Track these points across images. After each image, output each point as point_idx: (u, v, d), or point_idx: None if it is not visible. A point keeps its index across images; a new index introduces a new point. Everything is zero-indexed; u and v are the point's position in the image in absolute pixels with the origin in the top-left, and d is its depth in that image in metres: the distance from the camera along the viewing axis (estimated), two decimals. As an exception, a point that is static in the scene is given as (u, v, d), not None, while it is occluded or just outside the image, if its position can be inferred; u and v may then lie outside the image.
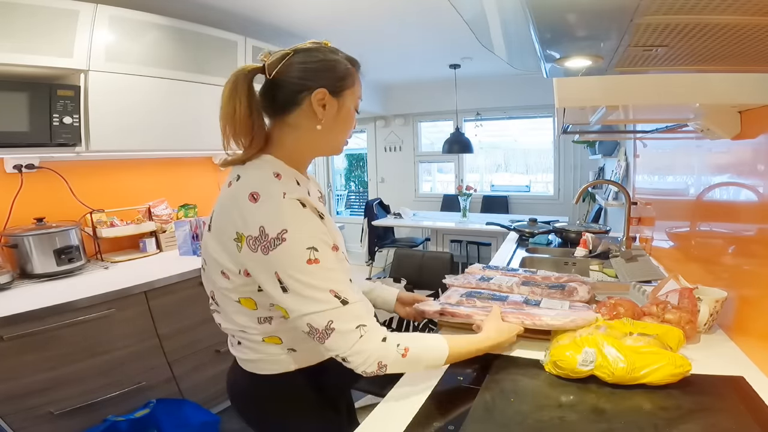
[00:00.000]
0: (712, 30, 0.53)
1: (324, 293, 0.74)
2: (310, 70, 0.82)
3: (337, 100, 0.84)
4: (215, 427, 1.96)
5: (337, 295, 0.75)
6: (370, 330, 0.77)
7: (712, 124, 1.07)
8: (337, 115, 0.84)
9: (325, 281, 0.75)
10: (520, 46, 1.57)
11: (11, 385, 1.48)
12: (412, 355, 0.80)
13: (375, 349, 0.77)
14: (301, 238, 0.73)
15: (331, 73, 0.84)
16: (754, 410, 0.76)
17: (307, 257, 0.73)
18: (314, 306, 0.74)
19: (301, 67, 0.82)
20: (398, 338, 0.80)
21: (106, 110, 1.95)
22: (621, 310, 1.10)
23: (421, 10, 2.62)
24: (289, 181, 0.81)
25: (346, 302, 0.75)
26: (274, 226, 0.73)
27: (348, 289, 0.77)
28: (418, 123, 5.67)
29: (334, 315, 0.75)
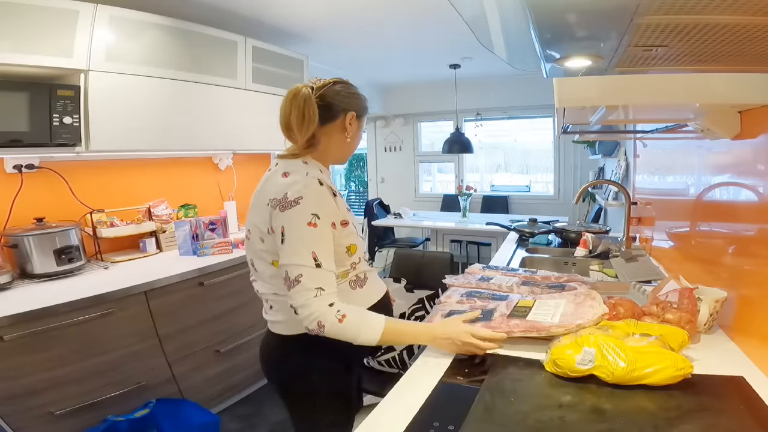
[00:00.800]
0: (712, 30, 0.53)
1: (307, 252, 0.94)
2: (348, 97, 1.10)
3: (358, 121, 1.13)
4: (215, 427, 1.96)
5: (316, 258, 0.95)
6: (325, 294, 0.95)
7: (712, 124, 1.07)
8: (356, 133, 1.15)
9: (312, 244, 0.95)
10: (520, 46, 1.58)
11: (11, 385, 1.48)
12: (348, 323, 0.95)
13: (320, 309, 0.94)
14: (310, 205, 0.96)
15: (360, 102, 1.14)
16: (754, 410, 0.76)
17: (308, 220, 0.95)
18: (295, 258, 0.94)
19: (342, 93, 1.10)
20: (343, 307, 0.96)
21: (106, 110, 1.95)
22: (621, 310, 1.10)
23: (421, 10, 2.62)
24: (314, 168, 1.06)
25: (319, 266, 0.95)
26: (295, 193, 0.96)
27: (327, 257, 0.97)
28: (418, 123, 5.67)
29: (305, 271, 0.94)
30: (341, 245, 1.04)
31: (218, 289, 2.15)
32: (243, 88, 2.60)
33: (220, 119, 2.47)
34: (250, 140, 2.69)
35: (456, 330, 1.01)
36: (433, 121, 5.63)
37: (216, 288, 2.14)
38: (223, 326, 2.19)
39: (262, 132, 2.75)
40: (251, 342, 2.28)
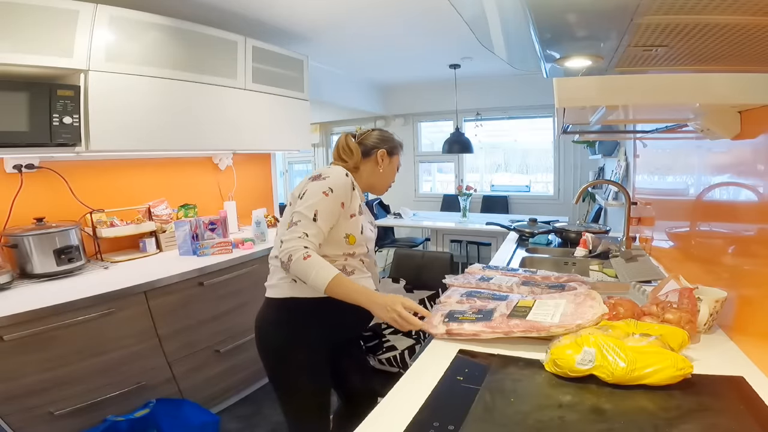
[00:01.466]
0: (712, 30, 0.53)
1: (312, 208, 1.21)
2: (379, 139, 1.44)
3: (390, 158, 1.45)
4: (215, 427, 1.96)
5: (316, 214, 1.21)
6: (306, 240, 1.18)
7: (712, 124, 1.07)
8: (388, 167, 1.46)
9: (318, 204, 1.22)
10: (520, 46, 1.57)
11: (11, 385, 1.48)
12: (308, 263, 1.15)
13: (295, 246, 1.17)
14: (330, 182, 1.25)
15: (390, 144, 1.46)
16: (754, 410, 0.76)
17: (323, 190, 1.23)
18: (303, 209, 1.21)
19: (375, 136, 1.45)
20: (311, 252, 1.17)
21: (106, 110, 1.95)
22: (621, 310, 1.10)
23: (421, 10, 2.62)
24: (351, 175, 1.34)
25: (315, 220, 1.20)
26: (325, 174, 1.27)
27: (325, 220, 1.22)
28: (418, 123, 5.67)
29: (303, 219, 1.20)
30: (342, 230, 1.28)
31: (218, 289, 2.16)
32: (243, 88, 2.60)
33: (220, 119, 2.47)
34: (250, 140, 2.69)
35: (391, 298, 1.17)
36: (433, 121, 5.63)
37: (216, 288, 2.14)
38: (223, 326, 2.19)
39: (262, 132, 2.75)
40: (251, 342, 2.25)
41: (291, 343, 1.27)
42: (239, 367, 2.29)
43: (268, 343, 1.31)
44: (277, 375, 1.32)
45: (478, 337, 1.08)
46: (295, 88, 2.98)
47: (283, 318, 1.28)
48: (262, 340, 1.33)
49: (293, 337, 1.27)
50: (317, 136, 6.28)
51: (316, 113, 4.86)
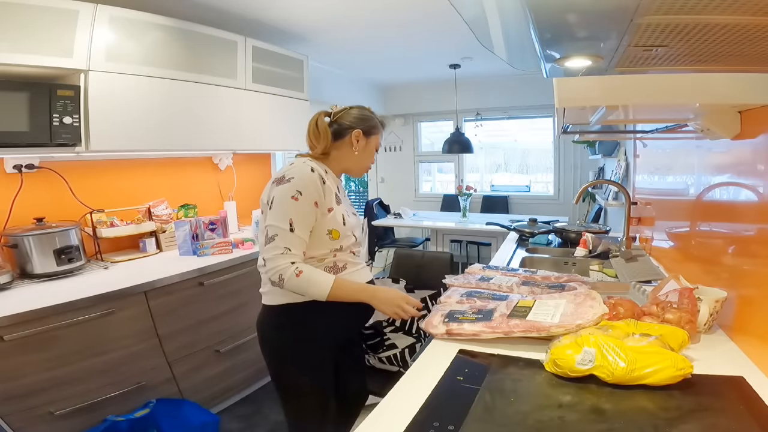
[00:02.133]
0: (712, 30, 0.53)
1: (285, 217, 1.16)
2: (354, 118, 1.34)
3: (366, 139, 1.35)
4: (215, 427, 1.96)
5: (291, 224, 1.15)
6: (290, 255, 1.15)
7: (712, 124, 1.07)
8: (365, 148, 1.35)
9: (291, 212, 1.16)
10: (520, 46, 1.57)
11: (11, 385, 1.48)
12: (302, 278, 1.14)
13: (282, 265, 1.14)
14: (297, 184, 1.18)
15: (368, 123, 1.35)
16: (754, 410, 0.76)
17: (292, 194, 1.17)
18: (276, 221, 1.16)
19: (353, 115, 1.34)
20: (302, 265, 1.16)
21: (106, 110, 1.95)
22: (621, 310, 1.10)
23: (421, 10, 2.62)
24: (319, 165, 1.27)
25: (292, 231, 1.16)
26: (289, 174, 1.20)
27: (302, 227, 1.17)
28: (418, 123, 5.67)
29: (279, 232, 1.15)
30: (323, 227, 1.23)
31: (218, 289, 2.15)
32: (243, 88, 2.60)
33: (220, 119, 2.47)
34: (250, 140, 2.69)
35: (395, 295, 1.26)
36: (433, 121, 5.63)
37: (216, 288, 2.14)
38: (223, 326, 2.19)
39: (262, 132, 2.75)
40: (251, 342, 2.28)
41: (293, 343, 1.26)
42: (239, 367, 2.29)
43: (270, 344, 1.30)
44: (280, 375, 1.31)
45: (478, 337, 1.08)
46: (295, 88, 2.98)
47: (283, 322, 1.27)
48: (264, 342, 1.32)
49: (295, 338, 1.26)
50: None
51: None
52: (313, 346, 1.27)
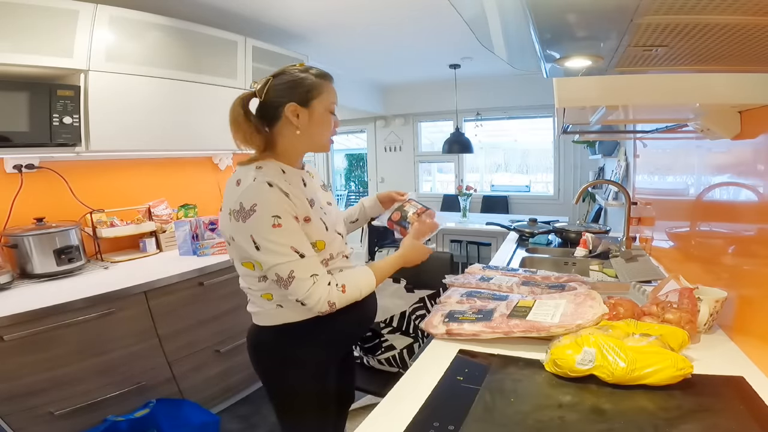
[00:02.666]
0: (712, 30, 0.53)
1: (286, 248, 0.98)
2: (282, 90, 1.06)
3: (307, 109, 1.07)
4: (215, 427, 1.96)
5: (297, 250, 0.99)
6: (320, 278, 1.01)
7: (712, 124, 1.07)
8: (310, 121, 1.08)
9: (287, 240, 0.98)
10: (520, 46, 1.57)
11: (11, 385, 1.48)
12: (349, 290, 1.06)
13: (324, 292, 1.01)
14: (267, 209, 0.97)
15: (299, 89, 1.06)
16: (754, 410, 0.76)
17: (271, 222, 0.97)
18: (279, 258, 0.98)
19: (276, 88, 1.06)
20: (338, 279, 1.06)
21: (106, 110, 1.95)
22: (621, 310, 1.10)
23: (421, 10, 2.62)
24: (270, 170, 1.05)
25: (303, 256, 1.00)
26: (249, 201, 0.97)
27: (306, 247, 1.01)
28: (418, 123, 5.67)
29: (294, 266, 0.99)
30: None
31: (218, 289, 2.15)
32: (243, 88, 2.60)
33: (220, 119, 2.44)
34: (250, 140, 2.69)
35: (422, 252, 1.28)
36: (433, 121, 5.63)
37: (216, 288, 2.14)
38: (223, 326, 2.19)
39: (262, 132, 2.75)
40: (251, 342, 2.28)
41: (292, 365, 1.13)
42: (239, 367, 2.29)
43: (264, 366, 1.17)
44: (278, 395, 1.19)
45: (478, 337, 1.08)
46: (295, 88, 2.98)
47: (280, 343, 1.12)
48: (258, 363, 1.18)
49: (294, 359, 1.12)
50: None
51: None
52: (314, 366, 1.14)
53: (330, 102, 1.10)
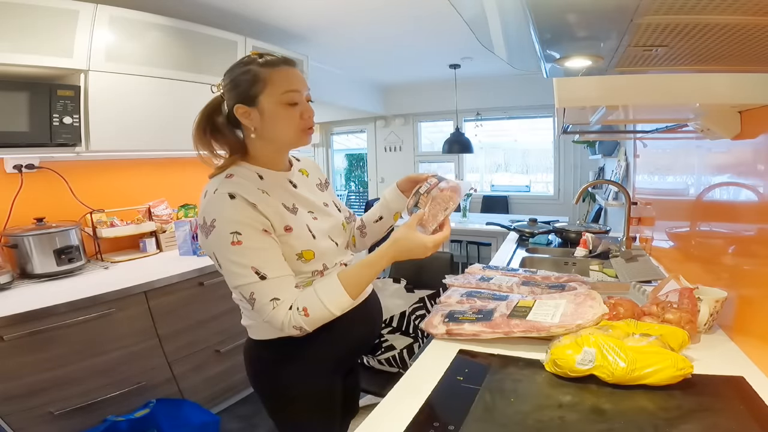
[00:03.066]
0: (712, 30, 0.53)
1: (246, 269, 0.88)
2: (227, 90, 0.98)
3: (255, 108, 0.95)
4: (215, 427, 1.96)
5: (257, 271, 0.88)
6: (282, 302, 0.89)
7: (712, 124, 1.07)
8: (262, 120, 0.95)
9: (247, 259, 0.88)
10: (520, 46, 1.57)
11: (11, 385, 1.48)
12: (313, 311, 0.90)
13: (285, 317, 0.89)
14: (226, 225, 0.88)
15: (241, 86, 0.95)
16: (754, 410, 0.76)
17: (230, 240, 0.88)
18: (239, 280, 0.89)
19: (225, 89, 0.98)
20: (299, 302, 0.90)
21: (106, 110, 1.95)
22: (621, 310, 1.10)
23: (421, 10, 2.62)
24: (242, 178, 0.96)
25: (264, 277, 0.88)
26: (209, 216, 0.90)
27: (271, 265, 0.90)
28: (418, 123, 5.68)
29: (254, 288, 0.89)
30: (289, 253, 0.95)
31: (218, 289, 2.15)
32: (243, 88, 2.60)
33: (220, 119, 2.47)
34: (250, 140, 2.69)
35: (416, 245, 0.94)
36: (433, 121, 5.63)
37: (216, 288, 2.14)
38: (223, 326, 2.19)
39: (262, 132, 2.75)
40: (251, 342, 2.28)
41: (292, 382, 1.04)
42: (239, 367, 2.27)
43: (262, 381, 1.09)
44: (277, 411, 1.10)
45: (478, 337, 1.08)
46: (295, 88, 2.99)
47: (276, 359, 1.04)
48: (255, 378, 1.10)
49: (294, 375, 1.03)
50: (317, 135, 6.28)
51: (316, 113, 4.85)
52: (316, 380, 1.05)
53: (283, 92, 0.94)
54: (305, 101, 1.00)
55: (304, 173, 1.13)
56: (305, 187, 1.08)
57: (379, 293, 1.31)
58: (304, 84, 1.00)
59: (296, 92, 0.97)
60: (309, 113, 0.99)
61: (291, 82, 0.96)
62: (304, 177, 1.11)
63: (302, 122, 0.98)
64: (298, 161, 1.15)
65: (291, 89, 0.96)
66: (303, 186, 1.08)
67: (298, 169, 1.11)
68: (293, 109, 0.96)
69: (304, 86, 1.00)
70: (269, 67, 0.95)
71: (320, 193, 1.13)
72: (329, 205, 1.12)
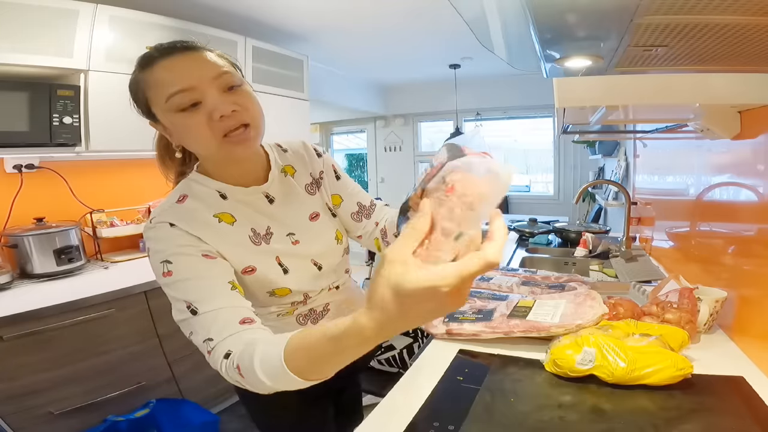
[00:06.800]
0: (712, 30, 0.53)
1: (180, 303, 0.72)
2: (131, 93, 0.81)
3: (158, 122, 0.78)
4: (215, 427, 1.96)
5: (189, 305, 0.71)
6: (216, 346, 0.67)
7: (712, 124, 1.07)
8: (173, 132, 0.77)
9: (179, 292, 0.72)
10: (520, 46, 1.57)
11: (11, 385, 1.48)
12: (247, 375, 0.62)
13: (219, 365, 0.67)
14: (158, 254, 0.73)
15: (136, 103, 0.81)
16: (754, 410, 0.76)
17: (162, 270, 0.73)
18: (177, 315, 0.73)
19: None
20: (237, 355, 0.64)
21: (106, 110, 1.95)
22: (621, 310, 1.10)
23: (421, 10, 2.62)
24: (196, 202, 0.80)
25: (195, 312, 0.70)
26: (146, 240, 0.76)
27: (203, 296, 0.71)
28: (418, 123, 5.67)
29: (191, 325, 0.71)
30: (256, 291, 0.81)
31: (218, 289, 2.16)
32: (243, 88, 2.60)
33: (220, 119, 2.47)
34: (250, 140, 2.69)
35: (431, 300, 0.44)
36: (433, 121, 5.63)
37: (216, 288, 2.14)
38: (223, 326, 2.19)
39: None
40: (251, 342, 2.28)
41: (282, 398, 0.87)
42: (239, 367, 2.29)
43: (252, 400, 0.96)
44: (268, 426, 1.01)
45: (478, 337, 1.08)
46: (295, 88, 2.99)
47: None
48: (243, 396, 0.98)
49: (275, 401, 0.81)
50: (317, 136, 6.28)
51: (316, 113, 4.87)
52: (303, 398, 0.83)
53: (166, 97, 0.72)
54: (215, 95, 0.72)
55: (289, 172, 0.91)
56: (286, 198, 0.88)
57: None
58: (202, 73, 0.72)
59: (186, 91, 0.71)
60: (222, 110, 0.71)
61: (173, 79, 0.72)
62: (288, 181, 0.90)
63: (214, 128, 0.72)
64: (284, 152, 0.93)
65: (174, 90, 0.71)
66: (283, 198, 0.88)
67: (280, 170, 0.90)
68: (193, 114, 0.72)
69: (205, 75, 0.72)
70: (146, 67, 0.76)
71: (309, 198, 0.92)
72: (321, 214, 0.92)
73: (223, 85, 0.73)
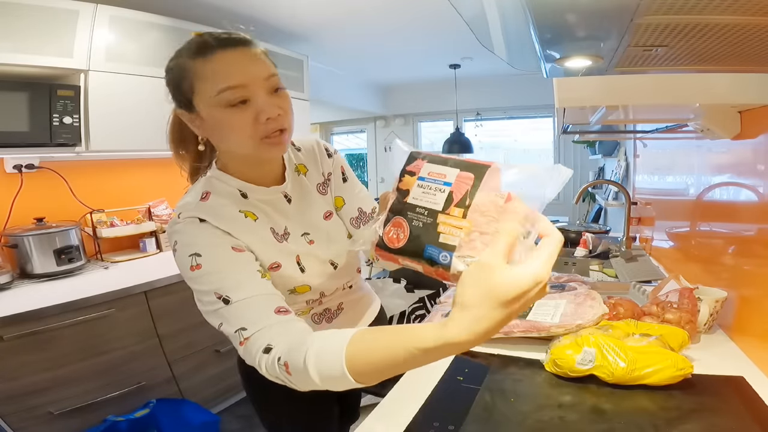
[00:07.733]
0: (712, 30, 0.53)
1: (209, 296, 0.71)
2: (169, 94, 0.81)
3: (196, 113, 0.77)
4: (215, 427, 1.96)
5: (220, 295, 0.69)
6: (252, 336, 0.65)
7: (712, 124, 1.07)
8: (206, 128, 0.77)
9: (208, 284, 0.71)
10: (520, 46, 1.57)
11: (11, 385, 1.48)
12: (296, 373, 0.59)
13: (256, 359, 0.64)
14: (185, 248, 0.73)
15: (175, 90, 0.80)
16: (754, 410, 0.76)
17: (189, 264, 0.72)
18: (205, 306, 0.73)
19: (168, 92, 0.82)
20: (283, 351, 0.61)
21: (106, 110, 1.95)
22: (621, 310, 1.10)
23: (421, 10, 2.62)
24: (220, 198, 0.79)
25: (227, 301, 0.69)
26: (171, 236, 0.76)
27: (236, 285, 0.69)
28: (418, 123, 5.67)
29: (221, 315, 0.70)
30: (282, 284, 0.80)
31: (218, 289, 2.16)
32: (243, 88, 2.60)
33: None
34: (250, 140, 2.69)
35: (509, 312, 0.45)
36: (433, 121, 5.63)
37: (216, 288, 2.14)
38: (223, 326, 2.19)
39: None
40: (251, 342, 2.28)
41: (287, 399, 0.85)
42: (239, 367, 2.29)
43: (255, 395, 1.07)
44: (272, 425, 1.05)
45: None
46: (295, 88, 2.99)
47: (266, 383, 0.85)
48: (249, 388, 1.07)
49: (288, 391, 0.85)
50: (317, 136, 6.28)
51: (316, 113, 4.87)
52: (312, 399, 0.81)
53: (217, 91, 0.70)
54: (263, 96, 0.72)
55: (302, 171, 0.91)
56: (302, 198, 0.89)
57: (379, 293, 1.29)
58: (256, 72, 0.72)
59: (238, 88, 0.70)
60: (269, 113, 0.71)
61: (229, 74, 0.70)
62: (301, 180, 0.90)
63: (257, 128, 0.72)
64: (298, 151, 0.92)
65: (229, 86, 0.70)
66: (299, 198, 0.88)
67: (294, 169, 0.89)
68: (240, 111, 0.71)
69: (258, 74, 0.72)
70: (199, 56, 0.72)
71: (320, 199, 0.92)
72: (332, 214, 0.93)
73: (272, 86, 0.74)
